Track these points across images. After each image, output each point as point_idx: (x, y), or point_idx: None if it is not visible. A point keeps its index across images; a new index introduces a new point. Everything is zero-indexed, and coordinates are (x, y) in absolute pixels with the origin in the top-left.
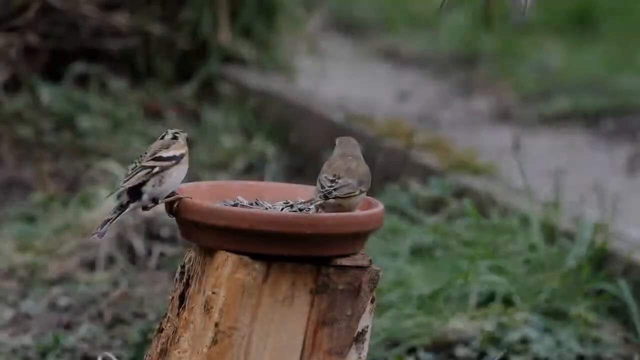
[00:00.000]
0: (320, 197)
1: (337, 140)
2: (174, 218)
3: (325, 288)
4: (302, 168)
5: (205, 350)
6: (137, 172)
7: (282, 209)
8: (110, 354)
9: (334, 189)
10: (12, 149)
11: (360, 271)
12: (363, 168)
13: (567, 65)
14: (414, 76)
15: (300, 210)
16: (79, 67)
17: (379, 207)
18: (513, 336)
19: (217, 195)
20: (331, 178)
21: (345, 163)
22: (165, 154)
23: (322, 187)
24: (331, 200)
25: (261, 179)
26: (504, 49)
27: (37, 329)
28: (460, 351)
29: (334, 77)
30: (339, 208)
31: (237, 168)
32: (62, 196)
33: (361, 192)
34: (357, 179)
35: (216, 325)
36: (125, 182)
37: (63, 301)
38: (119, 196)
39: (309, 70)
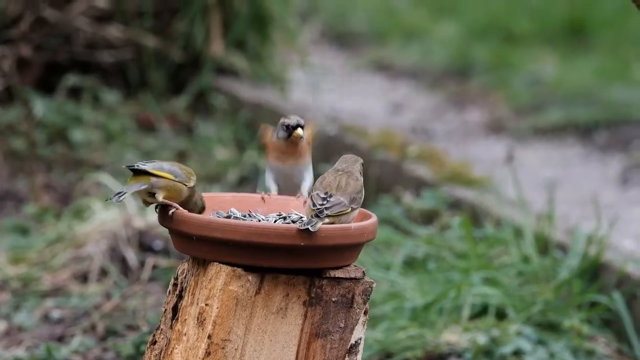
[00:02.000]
0: (312, 217)
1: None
2: (167, 230)
3: (319, 300)
4: None
5: None
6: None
7: (275, 221)
8: None
9: (325, 208)
10: (6, 161)
11: (353, 283)
12: (354, 185)
13: (560, 77)
14: (407, 88)
15: (294, 222)
16: (72, 79)
17: (372, 219)
18: (506, 348)
19: (209, 207)
20: (322, 196)
21: (335, 179)
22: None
23: (314, 205)
24: (325, 220)
25: (254, 191)
26: (497, 61)
27: (30, 341)
28: None
29: (327, 89)
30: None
31: (230, 180)
32: (55, 208)
33: (353, 209)
34: (349, 196)
35: (209, 337)
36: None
37: (56, 313)
38: None
39: (302, 82)
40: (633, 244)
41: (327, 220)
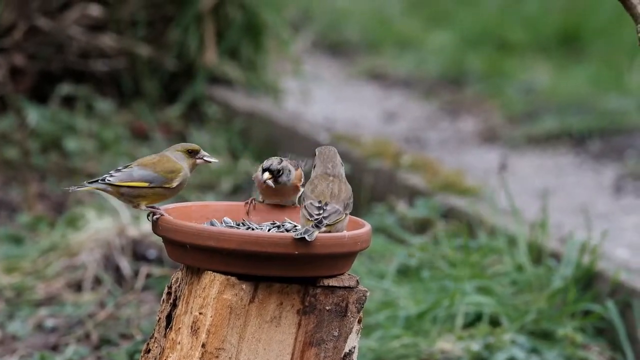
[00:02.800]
0: (311, 227)
1: (317, 151)
2: (161, 238)
3: (313, 308)
4: None
5: None
6: None
7: (269, 230)
8: None
9: (324, 217)
10: None
11: (347, 291)
12: (345, 190)
13: (554, 85)
14: (400, 97)
15: (287, 231)
16: (65, 88)
17: (366, 228)
18: (500, 357)
19: (203, 216)
20: (317, 205)
21: (328, 186)
22: None
23: (310, 215)
24: (322, 229)
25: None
26: (490, 70)
27: (24, 350)
28: None
29: (321, 98)
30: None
31: (223, 189)
32: (49, 217)
33: (346, 215)
34: (342, 203)
35: (203, 345)
36: None
37: (50, 322)
38: None
39: (296, 91)
40: (626, 252)
41: (323, 229)
